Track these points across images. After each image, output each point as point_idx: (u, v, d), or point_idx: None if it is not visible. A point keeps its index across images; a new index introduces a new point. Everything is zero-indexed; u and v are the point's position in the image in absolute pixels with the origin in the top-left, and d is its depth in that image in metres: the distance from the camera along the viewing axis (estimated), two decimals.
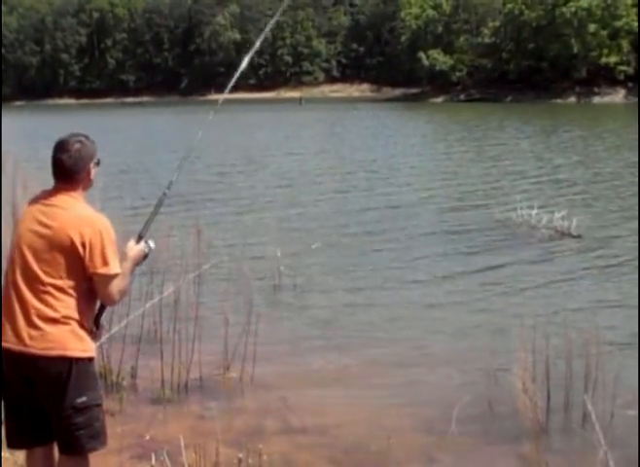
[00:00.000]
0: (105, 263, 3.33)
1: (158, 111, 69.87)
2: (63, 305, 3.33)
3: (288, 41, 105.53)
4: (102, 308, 3.57)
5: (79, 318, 3.36)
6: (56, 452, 3.54)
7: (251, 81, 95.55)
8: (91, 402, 3.41)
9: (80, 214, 3.37)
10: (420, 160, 24.45)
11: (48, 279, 3.32)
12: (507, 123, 40.52)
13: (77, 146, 3.42)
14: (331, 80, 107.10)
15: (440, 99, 77.44)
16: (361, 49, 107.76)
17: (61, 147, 3.41)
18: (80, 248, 3.31)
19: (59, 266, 3.32)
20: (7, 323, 3.35)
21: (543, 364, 5.57)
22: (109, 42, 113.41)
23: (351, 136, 34.16)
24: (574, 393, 5.59)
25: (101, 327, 3.59)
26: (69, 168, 3.39)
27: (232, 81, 4.32)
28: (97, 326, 3.52)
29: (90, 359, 3.44)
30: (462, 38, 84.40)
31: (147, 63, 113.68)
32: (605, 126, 36.77)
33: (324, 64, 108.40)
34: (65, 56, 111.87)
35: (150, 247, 3.62)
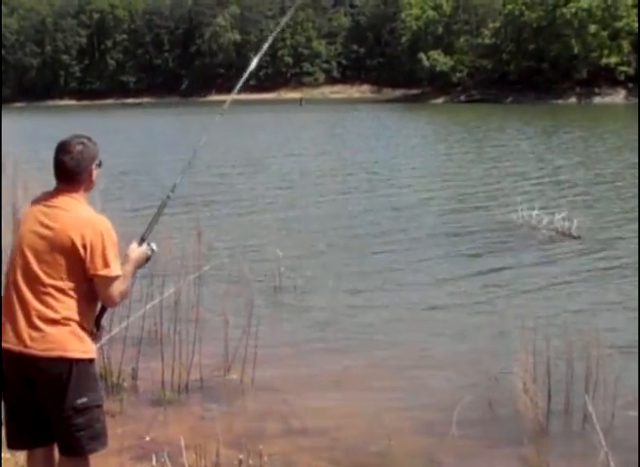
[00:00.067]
0: (106, 264, 3.33)
1: (158, 112, 69.88)
2: (64, 307, 3.33)
3: (288, 42, 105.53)
4: (103, 310, 3.58)
5: (79, 319, 3.36)
6: (57, 453, 3.53)
7: (251, 82, 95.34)
8: (92, 403, 3.41)
9: (81, 216, 3.37)
10: (421, 161, 24.46)
11: (48, 280, 3.32)
12: (507, 123, 40.53)
13: (79, 148, 3.42)
14: (331, 81, 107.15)
15: (440, 100, 77.47)
16: (361, 50, 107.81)
17: (63, 148, 3.41)
18: (81, 250, 3.31)
19: (60, 267, 3.32)
20: (8, 324, 3.35)
21: (543, 365, 5.57)
22: (109, 43, 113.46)
23: (352, 137, 34.16)
24: (575, 394, 5.58)
25: (102, 328, 3.58)
26: (71, 170, 3.40)
27: (240, 83, 4.30)
28: (98, 327, 3.53)
29: (91, 360, 3.44)
30: (462, 39, 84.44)
31: (147, 64, 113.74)
32: (606, 127, 36.77)
33: (324, 65, 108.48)
34: (66, 58, 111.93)
35: (152, 250, 3.61)
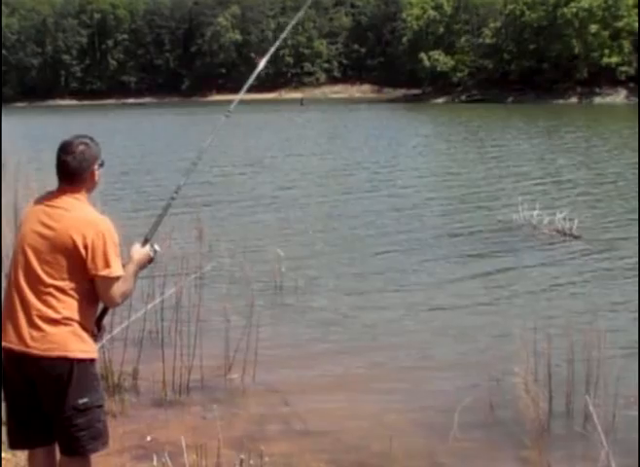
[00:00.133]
0: (107, 265, 3.33)
1: (159, 112, 69.85)
2: (65, 307, 3.33)
3: (289, 42, 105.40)
4: (105, 310, 3.58)
5: (80, 319, 3.36)
6: (58, 453, 3.54)
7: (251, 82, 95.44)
8: (93, 403, 3.41)
9: (83, 216, 3.37)
10: (422, 161, 24.46)
11: (49, 280, 3.32)
12: (508, 123, 40.53)
13: (81, 148, 3.42)
14: (332, 81, 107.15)
15: (441, 100, 77.46)
16: (362, 49, 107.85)
17: (66, 149, 3.41)
18: (82, 250, 3.31)
19: (61, 267, 3.33)
20: (9, 323, 3.36)
21: (545, 366, 5.56)
22: (110, 43, 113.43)
23: (353, 137, 34.14)
24: (576, 395, 5.58)
25: (103, 328, 3.59)
26: (73, 170, 3.40)
27: (247, 84, 4.31)
28: (99, 328, 3.53)
29: (92, 360, 3.44)
30: (463, 39, 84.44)
31: (148, 64, 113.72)
32: (607, 127, 36.77)
33: (325, 65, 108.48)
34: (67, 58, 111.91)
35: (155, 251, 3.61)
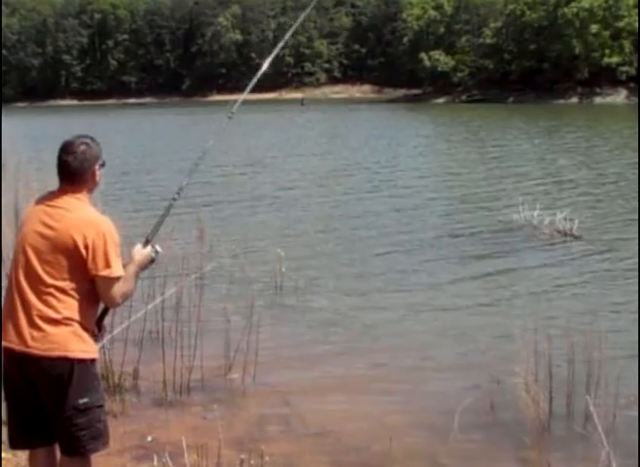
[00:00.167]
0: (107, 265, 3.33)
1: (160, 112, 69.86)
2: (65, 307, 3.33)
3: (289, 42, 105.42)
4: (105, 311, 3.59)
5: (81, 319, 3.36)
6: (58, 453, 3.54)
7: None
8: (93, 403, 3.41)
9: (84, 216, 3.37)
10: (423, 161, 24.44)
11: (50, 280, 3.32)
12: (509, 123, 40.52)
13: (82, 148, 3.42)
14: (332, 81, 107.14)
15: (441, 100, 77.46)
16: (362, 50, 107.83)
17: (67, 149, 3.41)
18: (82, 250, 3.31)
19: (62, 267, 3.33)
20: (10, 323, 3.36)
21: (545, 366, 5.56)
22: (111, 43, 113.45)
23: (353, 137, 34.13)
24: (576, 395, 5.57)
25: (103, 329, 3.59)
26: (74, 170, 3.40)
27: (250, 85, 4.30)
28: (100, 328, 3.53)
29: (92, 360, 3.44)
30: (464, 39, 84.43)
31: (149, 64, 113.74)
32: (608, 127, 36.75)
33: (325, 65, 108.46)
34: (67, 58, 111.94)
35: (157, 251, 3.61)
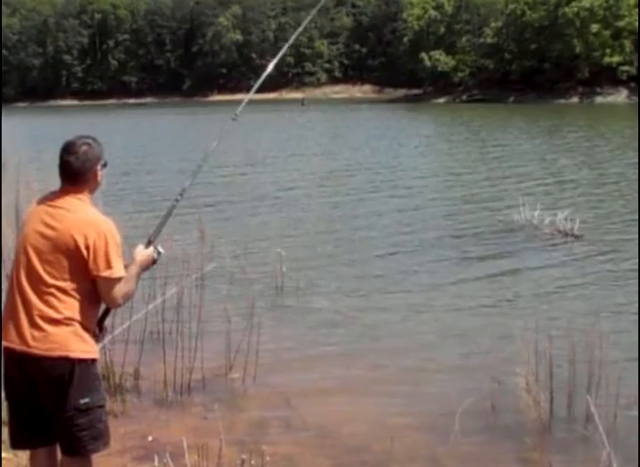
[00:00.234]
0: (109, 266, 3.33)
1: (160, 112, 69.87)
2: (66, 307, 3.33)
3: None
4: (107, 311, 3.59)
5: (82, 320, 3.36)
6: (59, 453, 3.54)
7: (252, 82, 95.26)
8: (94, 403, 3.41)
9: (85, 217, 3.37)
10: (424, 161, 24.43)
11: (51, 280, 3.32)
12: (510, 123, 40.51)
13: (84, 148, 3.42)
14: (333, 81, 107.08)
15: (442, 100, 77.43)
16: (363, 50, 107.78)
17: (68, 149, 3.41)
18: (84, 251, 3.31)
19: (63, 267, 3.33)
20: (11, 323, 3.36)
21: (546, 366, 5.56)
22: (111, 43, 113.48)
23: (354, 137, 34.12)
24: (577, 395, 5.57)
25: (104, 329, 3.59)
26: (76, 170, 3.40)
27: (255, 87, 4.33)
28: (101, 328, 3.53)
29: (93, 360, 3.44)
30: (464, 39, 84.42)
31: (149, 64, 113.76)
32: (609, 127, 36.71)
33: (326, 65, 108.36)
34: (68, 58, 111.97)
35: (159, 252, 3.61)
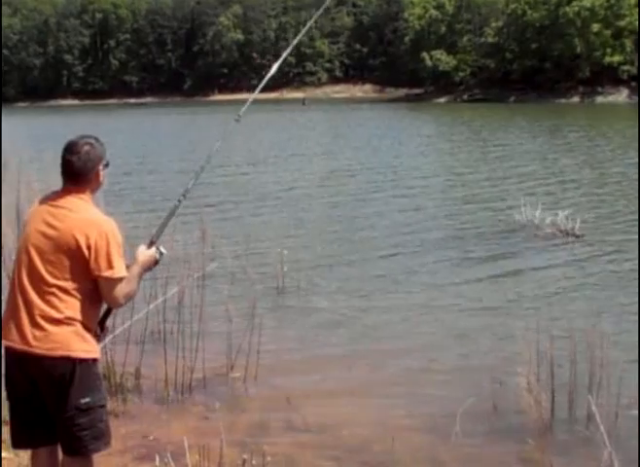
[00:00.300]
0: (110, 266, 3.33)
1: (161, 112, 69.87)
2: (67, 307, 3.33)
3: (291, 41, 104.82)
4: (108, 311, 3.59)
5: (83, 319, 3.36)
6: (61, 453, 3.54)
7: (253, 81, 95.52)
8: (95, 403, 3.41)
9: (87, 216, 3.37)
10: (425, 161, 24.42)
11: (52, 280, 3.32)
12: (511, 123, 40.50)
13: (86, 148, 3.42)
14: (334, 80, 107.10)
15: (443, 100, 77.43)
16: (364, 49, 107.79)
17: (71, 149, 3.41)
18: (85, 250, 3.31)
19: (64, 267, 3.33)
20: (12, 322, 3.36)
21: (547, 365, 5.56)
22: (112, 43, 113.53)
23: (355, 137, 34.11)
24: (578, 394, 5.57)
25: (106, 329, 3.59)
26: (78, 170, 3.40)
27: (259, 87, 4.31)
28: (102, 328, 3.53)
29: (94, 360, 3.44)
30: (465, 38, 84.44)
31: (150, 64, 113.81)
32: (610, 126, 36.68)
33: (327, 65, 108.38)
34: (68, 57, 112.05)
35: (161, 253, 3.60)
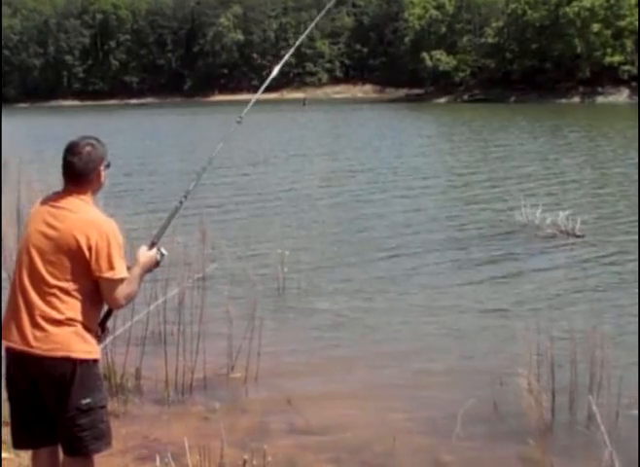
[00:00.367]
0: (111, 267, 3.33)
1: (162, 112, 69.89)
2: (68, 307, 3.33)
3: (291, 42, 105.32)
4: (109, 312, 3.59)
5: (83, 320, 3.36)
6: (61, 453, 3.54)
7: (254, 82, 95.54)
8: (96, 403, 3.41)
9: (87, 217, 3.37)
10: (426, 161, 24.41)
11: (53, 281, 3.33)
12: (511, 123, 40.49)
13: (87, 149, 3.42)
14: (334, 81, 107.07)
15: (443, 100, 77.44)
16: (364, 49, 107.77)
17: (72, 150, 3.41)
18: (86, 251, 3.31)
19: (65, 268, 3.33)
20: (12, 323, 3.36)
21: (548, 366, 5.56)
22: (112, 43, 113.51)
23: (356, 137, 34.11)
24: (579, 394, 5.57)
25: (106, 330, 3.59)
26: (79, 171, 3.40)
27: (261, 89, 4.32)
28: (103, 329, 3.53)
29: (95, 361, 3.44)
30: (465, 38, 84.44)
31: (150, 65, 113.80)
32: (611, 127, 36.69)
33: (327, 65, 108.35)
34: (69, 58, 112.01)
35: (162, 254, 3.60)
